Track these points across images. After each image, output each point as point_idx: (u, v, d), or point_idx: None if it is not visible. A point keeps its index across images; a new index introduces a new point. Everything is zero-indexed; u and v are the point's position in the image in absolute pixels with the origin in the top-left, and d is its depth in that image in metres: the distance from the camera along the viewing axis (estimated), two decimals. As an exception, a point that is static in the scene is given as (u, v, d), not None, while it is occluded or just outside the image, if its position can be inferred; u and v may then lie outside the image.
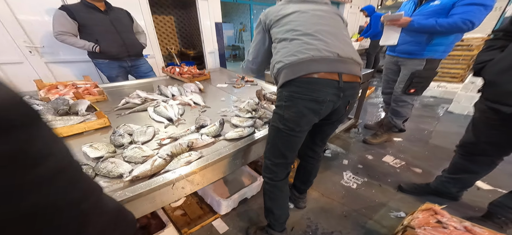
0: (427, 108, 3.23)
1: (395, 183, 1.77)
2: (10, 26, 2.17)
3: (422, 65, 1.76)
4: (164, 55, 4.69)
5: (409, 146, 2.30)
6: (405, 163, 2.04)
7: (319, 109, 0.88)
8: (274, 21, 0.97)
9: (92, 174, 0.79)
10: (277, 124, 0.96)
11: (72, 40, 1.92)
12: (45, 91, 1.46)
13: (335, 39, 0.89)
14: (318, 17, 0.93)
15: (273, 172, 1.05)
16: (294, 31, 0.90)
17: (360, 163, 2.03)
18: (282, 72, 0.89)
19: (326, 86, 0.84)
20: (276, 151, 1.01)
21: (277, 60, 0.91)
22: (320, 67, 0.84)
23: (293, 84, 0.86)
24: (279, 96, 0.93)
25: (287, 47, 0.89)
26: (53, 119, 1.05)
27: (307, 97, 0.85)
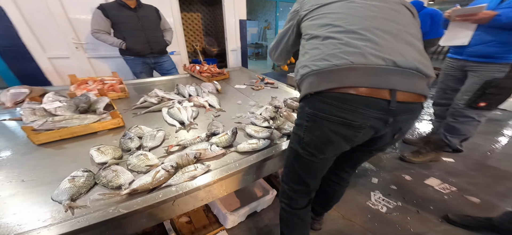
0: (492, 123, 2.62)
1: (440, 212, 1.45)
2: (62, 24, 2.41)
3: (503, 72, 1.37)
4: (189, 51, 4.81)
5: (464, 168, 1.87)
6: (456, 189, 1.66)
7: (353, 136, 0.65)
8: (309, 11, 0.75)
9: (92, 182, 0.74)
10: (295, 146, 0.77)
11: (104, 38, 2.04)
12: (75, 87, 1.53)
13: (393, 40, 0.62)
14: (372, 8, 0.66)
15: (291, 198, 0.89)
16: (331, 26, 0.66)
17: (394, 183, 1.72)
18: (305, 81, 0.68)
19: (367, 107, 0.59)
20: (294, 177, 0.84)
21: (303, 64, 0.69)
22: (362, 79, 0.58)
23: (318, 99, 0.64)
24: (300, 112, 0.73)
25: (318, 48, 0.66)
26: (71, 116, 1.06)
27: (337, 120, 0.62)
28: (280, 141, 1.06)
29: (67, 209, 0.62)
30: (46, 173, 0.79)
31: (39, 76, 2.48)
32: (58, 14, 2.36)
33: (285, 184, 0.89)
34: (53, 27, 2.38)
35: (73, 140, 1.00)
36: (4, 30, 2.19)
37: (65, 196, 0.65)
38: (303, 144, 0.73)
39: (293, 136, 0.79)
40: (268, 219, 1.37)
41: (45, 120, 0.98)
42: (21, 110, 1.06)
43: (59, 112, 1.08)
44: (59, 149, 0.94)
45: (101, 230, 0.62)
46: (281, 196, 0.94)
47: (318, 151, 0.72)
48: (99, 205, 0.66)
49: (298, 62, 0.75)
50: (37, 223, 0.58)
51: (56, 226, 0.56)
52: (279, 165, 1.07)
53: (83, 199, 0.68)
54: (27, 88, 1.42)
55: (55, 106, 1.09)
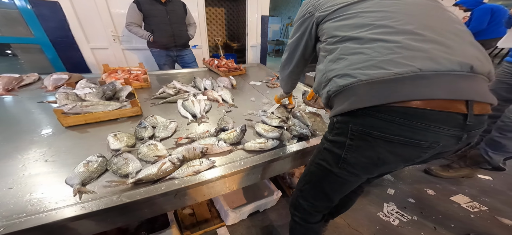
0: None
1: (461, 231, 1.24)
2: (105, 17, 2.54)
3: None
4: (211, 46, 4.80)
5: (503, 189, 1.57)
6: (487, 209, 1.40)
7: (418, 157, 0.52)
8: (330, 11, 0.63)
9: (104, 168, 0.73)
10: (329, 165, 0.63)
11: (136, 30, 2.10)
12: (106, 75, 1.59)
13: (460, 40, 0.49)
14: (416, 3, 0.53)
15: (309, 214, 0.78)
16: (375, 27, 0.52)
17: (413, 196, 1.50)
18: (349, 93, 0.53)
19: (441, 123, 0.46)
20: (319, 194, 0.73)
21: (339, 72, 0.55)
22: (435, 90, 0.44)
23: (372, 115, 0.50)
24: (339, 128, 0.59)
25: (363, 53, 0.51)
26: (97, 102, 1.08)
27: (399, 140, 0.49)
28: (290, 142, 0.95)
29: (76, 193, 0.62)
30: (68, 155, 0.81)
31: (82, 64, 2.68)
32: (102, 8, 2.48)
33: (303, 200, 0.78)
34: (97, 21, 2.53)
35: (96, 125, 1.02)
36: (59, 23, 2.38)
37: (77, 180, 0.65)
38: (344, 163, 0.60)
39: (324, 153, 0.65)
40: (270, 220, 1.29)
41: (74, 104, 1.01)
42: (57, 94, 1.12)
43: (88, 98, 1.11)
44: (83, 132, 0.96)
45: (103, 217, 0.61)
46: (295, 209, 0.83)
47: (365, 172, 0.60)
48: (106, 192, 0.65)
49: (326, 70, 0.60)
50: (47, 205, 0.59)
51: (62, 210, 0.56)
52: (287, 167, 0.97)
53: (93, 184, 0.67)
54: (67, 75, 1.52)
55: (86, 92, 1.13)
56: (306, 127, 1.03)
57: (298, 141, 0.97)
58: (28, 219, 0.53)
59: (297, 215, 0.83)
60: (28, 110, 1.13)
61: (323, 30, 0.66)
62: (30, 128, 0.96)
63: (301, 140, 0.97)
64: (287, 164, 0.95)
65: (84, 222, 0.58)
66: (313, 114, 1.25)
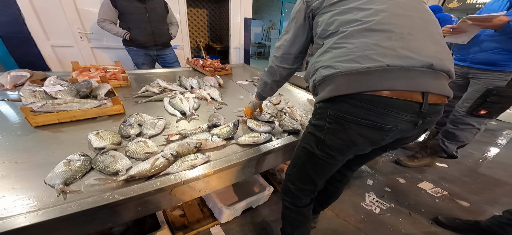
0: (486, 132, 2.61)
1: (430, 214, 1.43)
2: (70, 14, 2.34)
3: (505, 81, 1.33)
4: (193, 47, 4.74)
5: (457, 174, 1.85)
6: (448, 193, 1.64)
7: (381, 139, 0.61)
8: (327, 4, 0.67)
9: (88, 167, 0.69)
10: (311, 148, 0.71)
11: (109, 27, 1.99)
12: (77, 73, 1.48)
13: (427, 40, 0.57)
14: (400, 2, 0.60)
15: (297, 197, 0.85)
16: (359, 22, 0.59)
17: (388, 186, 1.69)
18: (330, 82, 0.61)
19: (400, 110, 0.55)
20: (304, 177, 0.80)
21: (324, 63, 0.62)
22: (397, 82, 0.54)
23: (346, 101, 0.59)
24: (321, 113, 0.67)
25: (344, 47, 0.59)
26: (71, 100, 1.01)
27: (367, 123, 0.58)
28: (281, 136, 1.02)
29: (59, 193, 0.58)
30: (42, 155, 0.74)
31: (39, 62, 2.40)
32: (67, 3, 2.29)
33: (291, 184, 0.84)
34: (60, 16, 2.32)
35: (71, 124, 0.95)
36: (11, 17, 2.12)
37: (59, 180, 0.61)
38: (322, 145, 0.68)
39: (308, 136, 0.73)
40: (263, 216, 1.33)
41: (45, 102, 0.92)
42: (21, 92, 1.01)
43: (59, 96, 1.03)
44: (56, 132, 0.88)
45: (93, 216, 0.58)
46: (284, 194, 0.89)
47: (340, 153, 0.67)
48: (94, 191, 0.62)
49: (315, 60, 0.67)
50: (26, 207, 0.54)
51: (46, 211, 0.52)
52: (279, 160, 1.03)
53: (77, 184, 0.64)
54: (28, 72, 1.36)
55: (57, 90, 1.04)
56: (296, 121, 1.11)
57: (288, 134, 1.04)
58: (5, 223, 0.48)
59: (286, 200, 0.89)
60: (-19, 110, 0.99)
61: (318, 22, 0.69)
62: (-11, 128, 0.85)
63: (292, 134, 1.04)
64: (280, 157, 1.01)
65: (69, 223, 0.55)
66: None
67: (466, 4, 4.19)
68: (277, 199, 1.45)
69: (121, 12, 1.97)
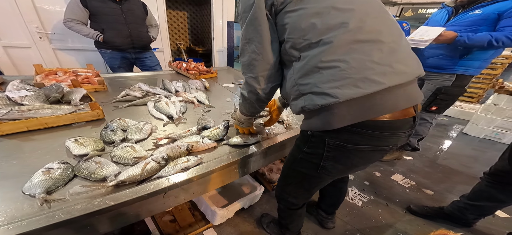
0: (440, 128, 3.04)
1: (404, 204, 1.63)
2: (26, 11, 2.14)
3: (450, 81, 1.60)
4: (173, 50, 4.62)
5: (421, 166, 2.14)
6: (415, 183, 1.88)
7: (381, 157, 0.64)
8: (290, 1, 0.54)
9: (71, 175, 0.66)
10: (308, 171, 0.73)
11: (79, 28, 1.87)
12: (42, 77, 1.36)
13: (407, 47, 0.56)
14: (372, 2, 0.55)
15: (292, 203, 0.92)
16: (345, 29, 0.50)
17: (367, 179, 1.88)
18: (326, 112, 0.54)
19: (401, 129, 0.55)
20: (299, 190, 0.86)
21: (316, 89, 0.53)
22: (398, 102, 0.52)
23: (347, 130, 0.55)
24: (315, 142, 0.63)
25: (338, 67, 0.51)
26: (41, 106, 0.93)
27: (369, 148, 0.57)
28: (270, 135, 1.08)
29: (42, 203, 0.55)
30: (13, 165, 0.68)
31: (-12, 65, 2.12)
32: (22, 1, 2.07)
33: (287, 195, 0.90)
34: (14, 14, 2.09)
35: (43, 132, 0.88)
36: None
37: (40, 189, 0.57)
38: (322, 169, 0.67)
39: (302, 162, 0.72)
40: (256, 215, 1.37)
41: (9, 108, 0.84)
42: (-25, 97, 0.90)
43: (26, 101, 0.94)
44: (26, 140, 0.81)
45: (84, 224, 0.56)
46: (279, 200, 0.97)
47: (340, 174, 0.71)
48: (81, 198, 0.59)
49: (297, 81, 0.58)
50: (6, 219, 0.50)
51: (31, 220, 0.49)
52: (270, 160, 1.09)
53: (60, 193, 0.61)
54: (-21, 75, 1.21)
55: (22, 95, 0.95)
56: (282, 122, 1.19)
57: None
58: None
59: (282, 203, 0.97)
60: None
61: (284, 24, 0.57)
62: None
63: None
64: (271, 156, 1.06)
65: (58, 232, 0.52)
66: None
67: (418, 13, 5.15)
68: (268, 198, 1.50)
69: (93, 13, 1.87)
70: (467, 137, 2.79)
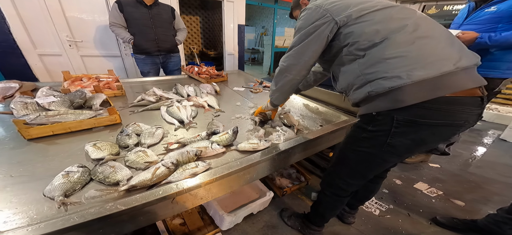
0: (473, 133, 2.76)
1: (429, 214, 1.49)
2: (58, 21, 2.35)
3: None
4: (186, 54, 4.78)
5: (450, 173, 1.94)
6: (443, 192, 1.71)
7: (452, 134, 0.69)
8: (355, 17, 0.71)
9: (88, 178, 0.69)
10: (372, 149, 0.77)
11: (118, 31, 2.05)
12: (69, 83, 1.47)
13: (456, 41, 0.68)
14: (422, 18, 0.70)
15: (342, 190, 0.95)
16: (406, 30, 0.65)
17: (386, 187, 1.75)
18: (396, 93, 0.64)
19: (470, 105, 0.63)
20: (356, 174, 0.88)
21: (384, 74, 0.65)
22: (466, 82, 0.62)
23: (418, 106, 0.63)
24: (381, 120, 0.71)
25: (404, 56, 0.63)
26: (65, 111, 1.01)
27: (440, 123, 0.64)
28: (279, 141, 1.05)
29: (60, 205, 0.58)
30: (37, 168, 0.73)
31: (26, 72, 2.37)
32: (55, 11, 2.30)
33: (339, 179, 0.93)
34: (48, 24, 2.32)
35: (66, 136, 0.95)
36: (-5, 25, 2.09)
37: (58, 192, 0.61)
38: (388, 147, 0.73)
39: (363, 141, 0.78)
40: (264, 221, 1.34)
41: (38, 114, 0.92)
42: (12, 104, 1.00)
43: (53, 107, 1.02)
44: (51, 144, 0.88)
45: (96, 227, 0.58)
46: (327, 186, 1.00)
47: (407, 151, 0.74)
48: (95, 202, 0.62)
49: (362, 72, 0.70)
50: (26, 220, 0.54)
51: (48, 223, 0.52)
52: (279, 166, 1.06)
53: (78, 196, 0.64)
54: (17, 83, 1.35)
55: (49, 101, 1.03)
56: (292, 127, 1.15)
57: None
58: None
59: (329, 190, 1.00)
60: (-32, 124, 0.97)
61: (349, 33, 0.73)
62: (-20, 142, 0.84)
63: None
64: (280, 162, 1.04)
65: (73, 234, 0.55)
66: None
67: (444, 11, 4.60)
68: (277, 205, 1.46)
69: (126, 18, 2.02)
70: (505, 144, 2.49)
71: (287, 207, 1.42)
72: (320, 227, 1.20)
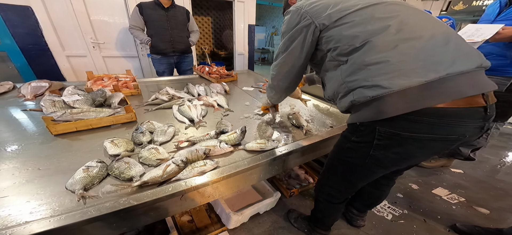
0: (503, 137, 2.52)
1: (447, 222, 1.39)
2: (84, 24, 2.51)
3: (504, 86, 1.33)
4: (198, 54, 4.87)
5: (474, 180, 1.79)
6: (465, 199, 1.58)
7: (445, 148, 0.61)
8: (336, 18, 0.64)
9: (105, 173, 0.74)
10: (355, 161, 0.73)
11: (137, 33, 2.15)
12: (92, 82, 1.57)
13: (454, 38, 0.56)
14: (417, 12, 0.61)
15: (333, 196, 0.92)
16: (389, 32, 0.56)
17: (401, 192, 1.66)
18: (377, 102, 0.57)
19: (467, 118, 0.53)
20: (344, 183, 0.84)
21: (365, 83, 0.57)
22: (462, 89, 0.50)
23: (402, 118, 0.55)
24: (364, 131, 0.65)
25: (386, 61, 0.54)
26: (88, 109, 1.07)
27: (429, 137, 0.56)
28: (287, 141, 1.03)
29: (79, 198, 0.62)
30: (62, 162, 0.79)
31: (55, 73, 2.56)
32: (81, 15, 2.46)
33: (330, 188, 0.90)
34: (75, 27, 2.48)
35: (88, 132, 1.01)
36: (30, 29, 2.29)
37: (79, 185, 0.65)
38: (371, 159, 0.67)
39: (349, 151, 0.74)
40: (271, 222, 1.33)
41: (64, 111, 0.99)
42: (42, 102, 1.09)
43: (77, 105, 1.10)
44: (74, 140, 0.95)
45: (111, 221, 0.62)
46: (319, 193, 0.97)
47: (393, 164, 0.68)
48: (110, 196, 0.66)
49: (345, 79, 0.64)
50: (49, 212, 0.58)
51: (68, 215, 0.56)
52: (287, 166, 1.05)
53: (95, 190, 0.68)
54: (47, 82, 1.46)
55: (74, 99, 1.11)
56: (301, 127, 1.13)
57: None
58: (32, 226, 0.52)
59: (322, 196, 0.97)
60: (9, 119, 1.08)
61: (329, 37, 0.67)
62: (16, 136, 0.93)
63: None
64: (288, 162, 1.02)
65: (90, 227, 0.58)
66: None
67: (473, 6, 4.05)
68: (284, 205, 1.45)
69: (146, 20, 2.10)
70: (540, 148, 2.23)
71: (294, 208, 1.40)
72: (326, 231, 1.17)
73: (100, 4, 2.52)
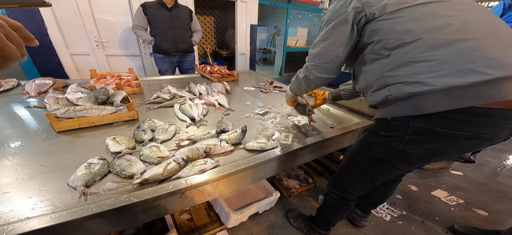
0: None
1: (446, 223, 1.39)
2: (88, 23, 2.52)
3: None
4: (200, 53, 4.88)
5: (473, 182, 1.78)
6: (464, 201, 1.57)
7: (476, 147, 0.60)
8: (388, 11, 0.60)
9: (106, 170, 0.73)
10: (382, 155, 0.72)
11: (140, 33, 2.14)
12: (95, 81, 1.57)
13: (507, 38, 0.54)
14: (477, 8, 0.57)
15: (348, 193, 0.90)
16: (448, 31, 0.53)
17: (400, 193, 1.65)
18: (417, 99, 0.57)
19: (504, 118, 0.53)
20: (363, 178, 0.83)
21: (406, 79, 0.57)
22: (506, 92, 0.50)
23: (439, 115, 0.55)
24: (396, 126, 0.65)
25: (436, 60, 0.53)
26: (91, 107, 1.07)
27: (464, 135, 0.56)
28: (288, 141, 1.03)
29: (81, 195, 0.62)
30: (64, 159, 0.79)
31: (59, 70, 2.57)
32: (85, 13, 2.46)
33: (346, 183, 0.89)
34: (80, 26, 2.49)
35: (90, 129, 1.01)
36: (35, 27, 2.29)
37: (80, 182, 0.65)
38: (399, 154, 0.67)
39: (375, 146, 0.73)
40: (270, 221, 1.33)
41: (67, 108, 0.99)
42: (46, 99, 1.09)
43: (80, 102, 1.10)
44: (77, 137, 0.95)
45: (111, 218, 0.62)
46: (334, 188, 0.95)
47: (419, 161, 0.68)
48: (111, 193, 0.65)
49: (382, 73, 0.63)
50: (51, 208, 0.58)
51: (69, 212, 0.56)
52: (287, 166, 1.04)
53: (97, 186, 0.68)
54: (50, 80, 1.47)
55: (77, 97, 1.11)
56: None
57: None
58: (33, 222, 0.52)
59: (335, 193, 0.95)
60: (13, 116, 1.08)
61: (376, 29, 0.63)
62: (19, 133, 0.93)
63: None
64: (287, 162, 1.02)
65: (90, 223, 0.58)
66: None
67: None
68: (283, 205, 1.45)
69: (149, 20, 2.10)
70: (541, 151, 2.21)
71: (294, 208, 1.40)
72: (326, 231, 1.17)
73: (104, 3, 2.52)
